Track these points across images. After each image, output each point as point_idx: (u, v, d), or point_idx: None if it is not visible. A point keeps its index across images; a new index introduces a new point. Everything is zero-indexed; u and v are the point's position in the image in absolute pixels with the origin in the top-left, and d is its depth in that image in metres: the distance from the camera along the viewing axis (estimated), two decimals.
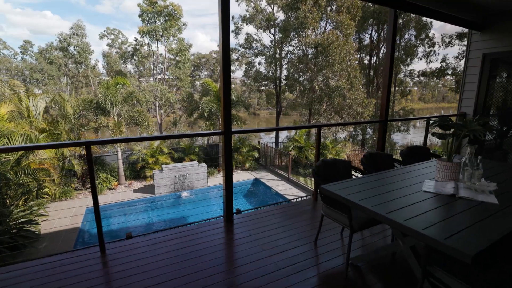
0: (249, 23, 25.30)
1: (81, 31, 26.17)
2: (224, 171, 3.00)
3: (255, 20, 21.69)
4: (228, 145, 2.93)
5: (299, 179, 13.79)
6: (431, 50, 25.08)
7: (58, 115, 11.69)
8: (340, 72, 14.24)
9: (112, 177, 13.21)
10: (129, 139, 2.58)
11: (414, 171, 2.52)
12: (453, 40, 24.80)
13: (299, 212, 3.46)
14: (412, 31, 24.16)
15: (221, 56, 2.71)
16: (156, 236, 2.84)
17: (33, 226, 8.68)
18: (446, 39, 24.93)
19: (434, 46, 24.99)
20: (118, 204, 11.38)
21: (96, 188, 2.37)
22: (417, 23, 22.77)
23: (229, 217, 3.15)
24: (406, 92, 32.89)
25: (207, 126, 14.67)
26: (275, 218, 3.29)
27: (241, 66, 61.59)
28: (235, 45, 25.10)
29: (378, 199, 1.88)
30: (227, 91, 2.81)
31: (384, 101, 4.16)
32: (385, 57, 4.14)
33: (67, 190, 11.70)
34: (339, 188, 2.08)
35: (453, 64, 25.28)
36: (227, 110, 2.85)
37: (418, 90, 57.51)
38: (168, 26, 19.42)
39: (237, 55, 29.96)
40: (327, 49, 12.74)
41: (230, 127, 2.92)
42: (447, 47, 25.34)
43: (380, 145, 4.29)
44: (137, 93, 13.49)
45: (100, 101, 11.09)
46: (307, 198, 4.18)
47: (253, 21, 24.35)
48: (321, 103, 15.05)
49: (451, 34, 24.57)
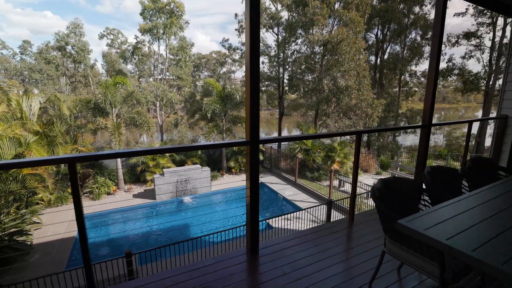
0: None
1: (79, 29, 25.53)
2: (249, 190, 2.38)
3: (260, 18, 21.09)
4: (255, 158, 2.32)
5: (306, 183, 13.17)
6: None
7: (54, 116, 11.06)
8: (349, 72, 13.64)
9: (111, 181, 12.58)
10: (128, 152, 1.96)
11: None
12: (460, 40, 24.31)
13: (337, 239, 2.84)
14: (418, 30, 23.62)
15: (249, 58, 2.15)
16: (164, 276, 2.22)
17: (24, 236, 8.05)
18: (453, 38, 24.44)
19: None
20: (117, 210, 10.74)
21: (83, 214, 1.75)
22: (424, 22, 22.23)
23: (253, 248, 2.53)
24: (411, 92, 32.32)
25: (210, 128, 14.06)
26: (308, 247, 2.67)
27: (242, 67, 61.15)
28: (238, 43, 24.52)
29: (509, 246, 1.26)
30: (255, 94, 2.22)
31: (428, 103, 3.55)
32: (431, 54, 3.55)
33: (62, 195, 11.07)
34: (429, 226, 1.46)
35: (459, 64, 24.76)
36: (254, 117, 2.24)
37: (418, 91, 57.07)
38: (170, 23, 18.75)
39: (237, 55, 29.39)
40: (336, 47, 12.13)
41: (258, 135, 2.30)
42: (453, 47, 24.86)
43: (422, 153, 3.68)
44: (137, 93, 12.86)
45: (100, 101, 10.45)
46: (341, 217, 3.55)
47: None
48: (329, 104, 14.43)
49: (458, 34, 24.07)
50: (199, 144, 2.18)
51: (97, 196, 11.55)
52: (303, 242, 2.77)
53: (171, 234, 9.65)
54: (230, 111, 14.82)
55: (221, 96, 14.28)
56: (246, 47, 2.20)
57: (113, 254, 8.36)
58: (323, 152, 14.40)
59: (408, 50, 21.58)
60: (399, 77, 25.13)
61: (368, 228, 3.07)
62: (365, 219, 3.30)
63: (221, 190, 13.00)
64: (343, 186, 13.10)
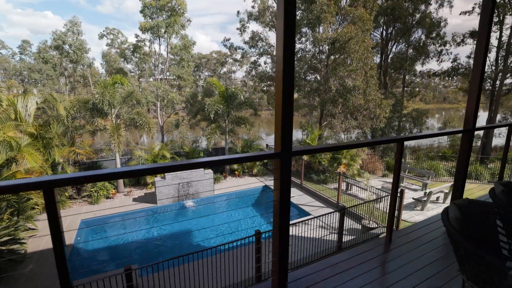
0: (255, 20, 24.28)
1: (77, 28, 25.03)
2: (278, 214, 1.92)
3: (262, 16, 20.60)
4: (286, 173, 1.87)
5: (312, 186, 12.73)
6: (442, 50, 24.13)
7: (51, 117, 10.61)
8: (356, 71, 13.18)
9: (110, 184, 12.11)
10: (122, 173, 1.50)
11: None
12: (466, 39, 23.88)
13: (375, 270, 2.38)
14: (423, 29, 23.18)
15: (281, 58, 1.72)
16: None
17: (18, 245, 7.60)
18: (458, 38, 24.02)
19: (446, 45, 24.03)
20: (116, 215, 10.28)
21: (64, 247, 1.29)
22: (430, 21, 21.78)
23: (281, 281, 2.07)
24: (415, 93, 31.89)
25: (212, 129, 13.60)
26: (344, 281, 2.22)
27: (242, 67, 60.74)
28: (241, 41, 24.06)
29: None
30: (288, 99, 1.79)
31: (473, 105, 3.11)
32: (475, 58, 3.10)
33: (60, 199, 10.61)
34: None
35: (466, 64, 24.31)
36: (286, 124, 1.80)
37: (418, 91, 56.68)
38: (172, 22, 18.18)
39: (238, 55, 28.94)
40: (345, 45, 11.65)
41: (291, 147, 1.85)
42: (458, 46, 24.42)
43: (463, 159, 3.23)
44: (137, 93, 12.40)
45: (97, 101, 9.98)
46: (377, 237, 3.11)
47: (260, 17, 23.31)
48: (336, 104, 13.95)
49: (464, 33, 23.65)
50: (222, 159, 1.70)
51: (96, 200, 11.09)
52: (336, 273, 2.31)
53: (172, 240, 9.20)
54: (233, 112, 14.37)
55: (224, 96, 13.82)
56: (277, 47, 1.76)
57: (113, 263, 7.91)
58: (329, 154, 13.95)
59: (414, 50, 21.11)
60: (403, 77, 24.69)
61: (410, 253, 2.61)
62: (405, 240, 2.85)
63: (225, 194, 12.55)
64: (350, 189, 12.66)
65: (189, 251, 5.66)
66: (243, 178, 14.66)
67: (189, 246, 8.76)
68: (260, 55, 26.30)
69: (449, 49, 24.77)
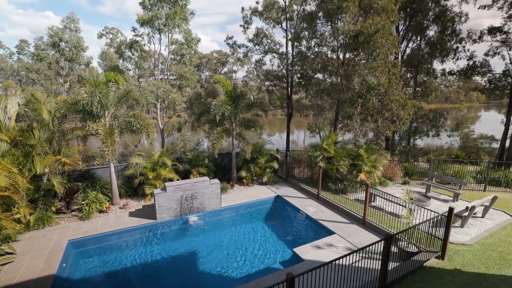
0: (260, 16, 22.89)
1: (74, 24, 23.63)
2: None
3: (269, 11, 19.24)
4: None
5: (330, 197, 11.31)
6: (458, 47, 22.69)
7: (34, 120, 9.22)
8: (378, 68, 11.77)
9: (104, 196, 10.72)
10: None
11: None
12: (484, 36, 22.49)
13: None
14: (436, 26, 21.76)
15: None
16: None
17: None
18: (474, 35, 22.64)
19: (461, 42, 22.60)
20: (110, 234, 8.88)
21: None
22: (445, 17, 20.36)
23: None
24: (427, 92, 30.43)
25: (219, 132, 12.19)
26: None
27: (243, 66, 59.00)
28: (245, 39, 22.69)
29: None
30: None
31: None
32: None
33: (45, 215, 9.20)
34: None
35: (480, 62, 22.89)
36: None
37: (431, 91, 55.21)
38: (173, 13, 16.60)
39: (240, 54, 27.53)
40: (370, 39, 10.21)
41: None
42: (474, 43, 23.02)
43: None
44: (135, 93, 10.98)
45: (85, 102, 8.57)
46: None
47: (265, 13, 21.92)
48: (355, 105, 12.52)
49: (482, 30, 22.24)
50: None
51: (87, 215, 9.68)
52: None
53: (174, 265, 7.81)
54: (241, 113, 12.96)
55: (232, 96, 12.41)
56: None
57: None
58: (349, 160, 12.52)
59: (433, 46, 19.65)
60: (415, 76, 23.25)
61: None
62: None
63: (233, 206, 11.15)
64: (374, 201, 11.24)
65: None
66: (251, 186, 13.26)
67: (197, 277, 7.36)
68: (265, 53, 24.91)
69: (465, 46, 23.32)
